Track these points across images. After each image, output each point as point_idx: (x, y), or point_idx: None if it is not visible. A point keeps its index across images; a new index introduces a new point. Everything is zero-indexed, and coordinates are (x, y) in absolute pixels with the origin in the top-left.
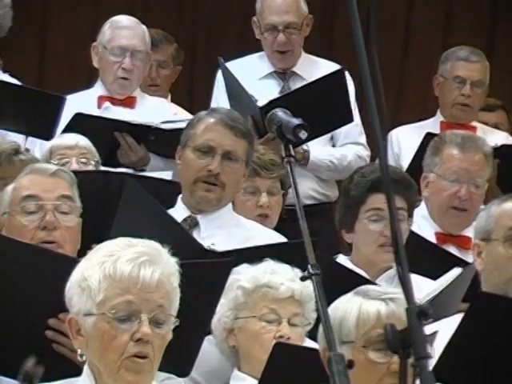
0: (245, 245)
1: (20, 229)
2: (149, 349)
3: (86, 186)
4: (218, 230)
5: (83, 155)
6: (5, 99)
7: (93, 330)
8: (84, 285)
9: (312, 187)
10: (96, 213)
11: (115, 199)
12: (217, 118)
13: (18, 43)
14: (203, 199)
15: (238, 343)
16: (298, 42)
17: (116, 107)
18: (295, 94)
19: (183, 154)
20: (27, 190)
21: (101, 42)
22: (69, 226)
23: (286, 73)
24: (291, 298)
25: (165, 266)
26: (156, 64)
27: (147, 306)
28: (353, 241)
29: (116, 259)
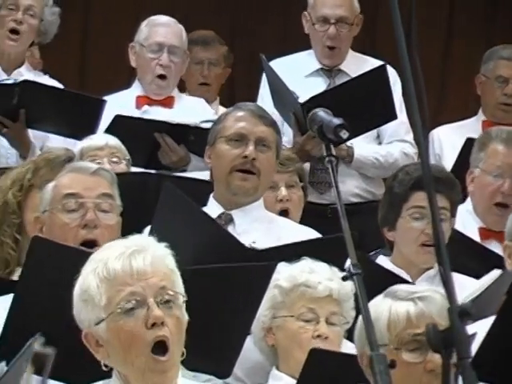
0: (280, 241)
1: (61, 227)
2: (166, 331)
3: (123, 187)
4: (253, 225)
5: (114, 155)
6: (46, 102)
7: (108, 335)
8: (85, 296)
9: (357, 185)
10: (133, 214)
11: (152, 200)
12: (245, 109)
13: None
14: (240, 189)
15: (276, 342)
16: (347, 38)
17: (154, 107)
18: (337, 90)
19: (213, 150)
20: (68, 188)
21: (138, 41)
22: (109, 224)
23: (333, 70)
24: (329, 296)
25: (154, 250)
26: (207, 62)
27: (150, 291)
28: (394, 239)
29: (106, 261)
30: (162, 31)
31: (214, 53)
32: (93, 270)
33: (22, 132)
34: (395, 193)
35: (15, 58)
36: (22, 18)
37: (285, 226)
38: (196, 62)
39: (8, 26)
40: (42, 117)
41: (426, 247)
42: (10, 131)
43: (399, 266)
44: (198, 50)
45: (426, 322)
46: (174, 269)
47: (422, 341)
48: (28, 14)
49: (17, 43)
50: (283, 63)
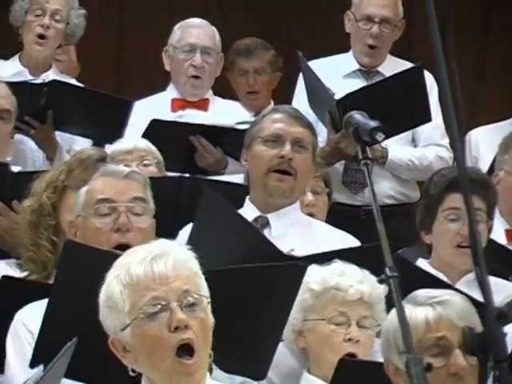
0: (317, 245)
1: (95, 231)
2: (190, 334)
3: (157, 191)
4: (288, 229)
5: (143, 158)
6: (73, 102)
7: (133, 340)
8: (110, 303)
9: (391, 187)
10: (167, 217)
11: (186, 203)
12: (282, 111)
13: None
14: (276, 190)
15: (307, 345)
16: (388, 39)
17: (189, 110)
18: (372, 88)
19: (250, 152)
20: (101, 193)
21: (171, 44)
22: (142, 227)
23: (370, 71)
24: (360, 300)
25: (176, 254)
26: (252, 71)
27: (173, 295)
28: (432, 242)
29: (128, 267)
30: (194, 32)
31: (258, 61)
32: (116, 276)
33: (50, 133)
34: (431, 195)
35: (43, 63)
36: (49, 23)
37: (321, 230)
38: (241, 74)
39: (35, 32)
40: (69, 118)
41: (461, 248)
42: (37, 133)
43: (438, 269)
44: (242, 60)
45: (445, 325)
46: (197, 272)
47: (443, 345)
48: (55, 18)
49: (44, 48)
50: (321, 64)
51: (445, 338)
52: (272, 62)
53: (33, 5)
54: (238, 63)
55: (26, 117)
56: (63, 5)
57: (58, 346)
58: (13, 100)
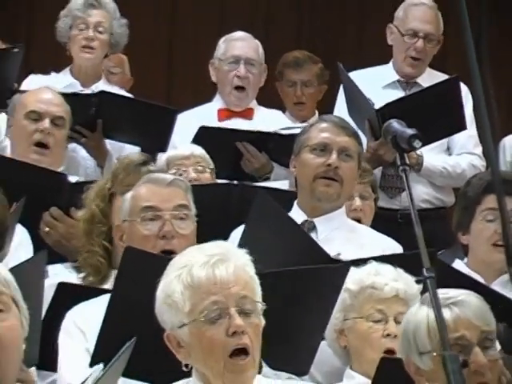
0: (360, 250)
1: (141, 238)
2: (246, 339)
3: (207, 197)
4: (334, 233)
5: (199, 164)
6: (121, 112)
7: (190, 339)
8: (169, 301)
9: (427, 192)
10: (217, 222)
11: (235, 209)
12: (328, 121)
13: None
14: (324, 194)
15: (348, 343)
16: (430, 53)
17: (235, 119)
18: (411, 98)
19: (298, 159)
20: (146, 200)
21: (217, 56)
22: (185, 233)
23: (409, 82)
24: (396, 297)
25: (236, 259)
26: (300, 83)
27: (232, 300)
28: (469, 242)
29: (190, 268)
30: (238, 45)
31: (306, 74)
32: (177, 276)
33: (100, 141)
34: (469, 196)
35: (92, 73)
36: (93, 36)
37: (366, 235)
38: (289, 85)
39: (80, 44)
40: (117, 127)
41: (498, 247)
42: (88, 141)
43: (474, 269)
44: (291, 72)
45: (463, 325)
46: (253, 276)
47: (462, 344)
48: (98, 30)
49: (91, 56)
50: (361, 74)
51: (464, 337)
52: (319, 75)
53: (76, 20)
54: (286, 74)
55: (77, 126)
56: (105, 16)
57: (117, 346)
58: (67, 108)
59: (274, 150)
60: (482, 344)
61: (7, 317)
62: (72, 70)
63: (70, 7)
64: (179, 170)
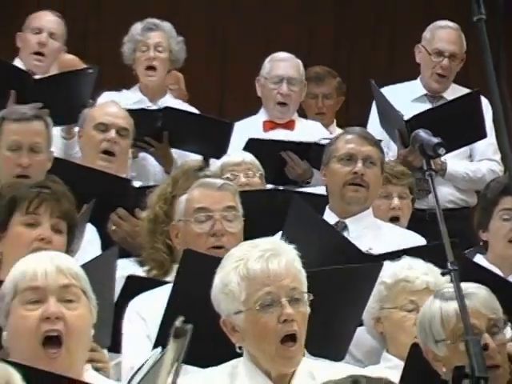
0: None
1: (194, 236)
2: (295, 326)
3: (256, 201)
4: (364, 231)
5: (249, 169)
6: (185, 125)
7: (245, 325)
8: (226, 290)
9: (451, 193)
10: (263, 224)
11: (280, 211)
12: (352, 133)
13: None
14: (353, 199)
15: (384, 330)
16: (454, 70)
17: (278, 130)
18: (437, 110)
19: (328, 169)
20: (199, 202)
21: (262, 74)
22: (233, 232)
23: (435, 96)
24: (426, 288)
25: (287, 254)
26: (322, 96)
27: (283, 291)
28: (488, 239)
29: (246, 261)
30: (281, 65)
31: (326, 88)
32: (234, 268)
33: (166, 151)
34: (488, 198)
35: (158, 90)
36: (154, 56)
37: (392, 232)
38: (311, 97)
39: (144, 65)
40: (182, 138)
41: None
42: (156, 150)
43: (493, 263)
44: (313, 85)
45: (473, 315)
46: (301, 269)
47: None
48: (158, 50)
49: (155, 77)
50: (392, 90)
51: (474, 326)
52: (337, 88)
53: (137, 43)
54: (308, 88)
55: (146, 137)
56: (163, 37)
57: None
58: (130, 120)
59: (314, 158)
60: (490, 330)
61: (77, 306)
62: (140, 88)
63: (131, 33)
64: (232, 175)
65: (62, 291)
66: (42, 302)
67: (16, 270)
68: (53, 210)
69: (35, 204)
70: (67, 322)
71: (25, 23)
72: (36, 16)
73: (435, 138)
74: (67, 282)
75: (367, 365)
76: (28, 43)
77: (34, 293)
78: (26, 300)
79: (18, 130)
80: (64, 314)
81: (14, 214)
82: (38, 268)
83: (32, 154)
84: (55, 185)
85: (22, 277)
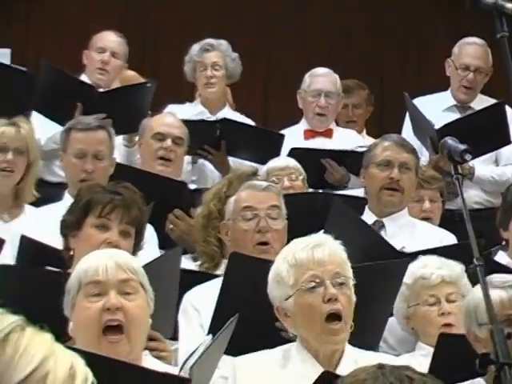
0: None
1: (241, 232)
2: (339, 305)
3: (298, 203)
4: (400, 230)
5: (292, 174)
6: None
7: (294, 307)
8: (278, 278)
9: (478, 195)
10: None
11: (320, 212)
12: (390, 140)
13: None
14: (388, 203)
15: (414, 325)
16: (480, 83)
17: (318, 138)
18: (465, 119)
19: (367, 173)
20: (246, 202)
21: (303, 88)
22: (277, 228)
23: (464, 107)
24: (443, 281)
25: (330, 244)
26: (351, 106)
27: (327, 275)
28: (508, 237)
29: (294, 251)
30: (320, 80)
31: (356, 98)
32: (284, 258)
33: (224, 158)
34: (507, 201)
35: (217, 102)
36: (212, 74)
37: (425, 230)
38: (342, 107)
39: (203, 82)
40: (237, 147)
41: None
42: (214, 158)
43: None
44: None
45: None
46: (345, 260)
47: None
48: (215, 68)
49: (214, 90)
50: (424, 100)
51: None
52: (366, 99)
53: (196, 63)
54: None
55: (205, 146)
56: (219, 56)
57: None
58: (185, 130)
59: (350, 164)
60: None
61: (135, 298)
62: (201, 101)
63: (190, 54)
64: (276, 179)
65: (122, 285)
66: (103, 294)
67: (80, 266)
68: (123, 217)
69: (107, 209)
70: (126, 313)
71: (90, 42)
72: (100, 36)
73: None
74: (126, 277)
75: (401, 352)
76: (92, 61)
77: (96, 287)
78: (89, 293)
79: (84, 139)
80: (123, 305)
81: (88, 215)
82: (100, 264)
83: (96, 161)
84: (127, 192)
85: (85, 272)
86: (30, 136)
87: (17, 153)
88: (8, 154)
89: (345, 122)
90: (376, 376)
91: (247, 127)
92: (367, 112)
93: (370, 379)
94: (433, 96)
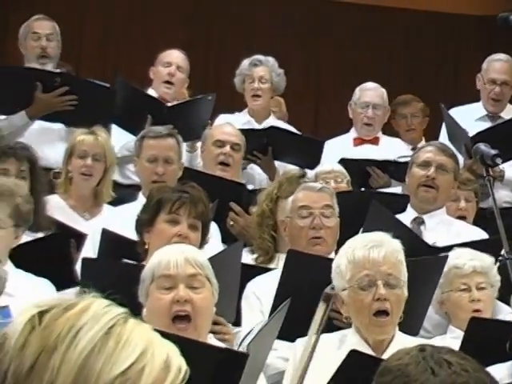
0: (457, 238)
1: (298, 229)
2: (387, 305)
3: (344, 201)
4: (438, 226)
5: (338, 177)
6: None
7: (348, 299)
8: (338, 270)
9: (508, 195)
10: (351, 220)
11: (364, 210)
12: (432, 145)
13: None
14: (424, 198)
15: (447, 309)
16: (507, 95)
17: (365, 145)
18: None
19: (410, 173)
20: (302, 201)
21: (353, 100)
22: (330, 226)
23: (494, 116)
24: (474, 271)
25: (388, 246)
26: (410, 115)
27: (380, 275)
28: None
29: (354, 248)
30: (368, 93)
31: (412, 109)
32: (345, 253)
33: (271, 163)
34: None
35: (263, 113)
36: (259, 87)
37: (461, 227)
38: (402, 118)
39: (250, 94)
40: (283, 152)
41: None
42: (262, 162)
43: None
44: (402, 108)
45: None
46: (401, 260)
47: None
48: (262, 82)
49: (260, 102)
50: (459, 111)
51: None
52: (422, 110)
53: (245, 76)
54: (399, 110)
55: (254, 151)
56: (266, 71)
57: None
58: (242, 137)
59: (393, 172)
60: None
61: (202, 291)
62: (249, 111)
63: (240, 68)
64: (324, 181)
65: (190, 279)
66: (173, 288)
67: (154, 258)
68: (190, 212)
69: (177, 206)
70: (194, 304)
71: (157, 59)
72: (167, 53)
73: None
74: (194, 271)
75: (435, 335)
76: (159, 74)
77: (167, 280)
78: (160, 286)
79: (155, 146)
80: (191, 297)
81: (160, 212)
82: (171, 258)
83: (166, 165)
84: (193, 190)
85: (158, 265)
86: (106, 143)
87: (95, 159)
88: (87, 160)
89: (405, 131)
90: (418, 361)
91: (291, 135)
92: (424, 122)
93: (413, 363)
94: (466, 107)
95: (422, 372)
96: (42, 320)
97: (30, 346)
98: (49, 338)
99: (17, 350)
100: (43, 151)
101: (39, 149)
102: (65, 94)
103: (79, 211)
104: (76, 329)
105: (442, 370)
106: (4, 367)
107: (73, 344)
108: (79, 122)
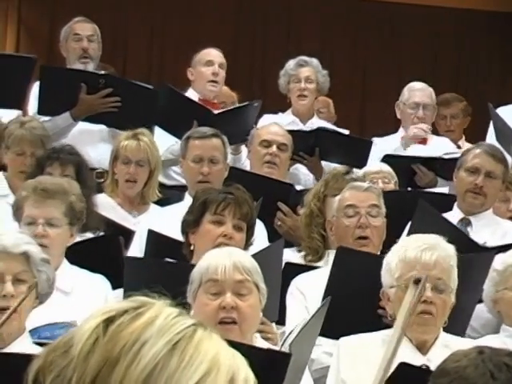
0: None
1: (344, 228)
2: (432, 308)
3: (391, 200)
4: (484, 228)
5: (385, 177)
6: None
7: (394, 297)
8: (387, 267)
9: None
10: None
11: (410, 209)
12: (481, 148)
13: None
14: (471, 204)
15: (500, 308)
16: None
17: (414, 145)
18: None
19: (458, 175)
20: (348, 200)
21: (402, 100)
22: (376, 225)
23: None
24: None
25: (441, 250)
26: (449, 116)
27: (429, 279)
28: None
29: (406, 248)
30: (417, 94)
31: (453, 109)
32: (397, 251)
33: (317, 163)
34: None
35: (307, 113)
36: (305, 87)
37: (508, 227)
38: (441, 118)
39: (296, 94)
40: (330, 152)
41: None
42: (308, 162)
43: None
44: (442, 108)
45: None
46: (453, 265)
47: None
48: (307, 82)
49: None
50: (506, 110)
51: None
52: (464, 110)
53: (291, 77)
54: (439, 111)
55: (300, 152)
56: (311, 71)
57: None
58: (289, 137)
59: (439, 170)
60: None
61: (249, 298)
62: (293, 111)
63: (285, 68)
64: (372, 181)
65: (237, 286)
66: (220, 293)
67: (202, 262)
68: (235, 213)
69: (222, 207)
70: (240, 311)
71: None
72: (206, 52)
73: None
74: (241, 278)
75: (483, 334)
76: (202, 75)
77: (215, 285)
78: (208, 291)
79: (200, 146)
80: (238, 304)
81: (205, 213)
82: (219, 264)
83: (211, 165)
84: (238, 192)
85: (206, 269)
86: (149, 147)
87: (138, 165)
88: (131, 167)
89: (444, 132)
90: (476, 363)
91: (340, 136)
92: (465, 122)
93: (472, 366)
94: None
95: (480, 375)
96: (107, 330)
97: (94, 357)
98: (112, 351)
99: (81, 359)
100: (86, 152)
101: (82, 150)
102: (108, 95)
103: (127, 209)
104: (140, 343)
105: (502, 374)
106: (69, 375)
107: (136, 359)
108: (122, 124)
